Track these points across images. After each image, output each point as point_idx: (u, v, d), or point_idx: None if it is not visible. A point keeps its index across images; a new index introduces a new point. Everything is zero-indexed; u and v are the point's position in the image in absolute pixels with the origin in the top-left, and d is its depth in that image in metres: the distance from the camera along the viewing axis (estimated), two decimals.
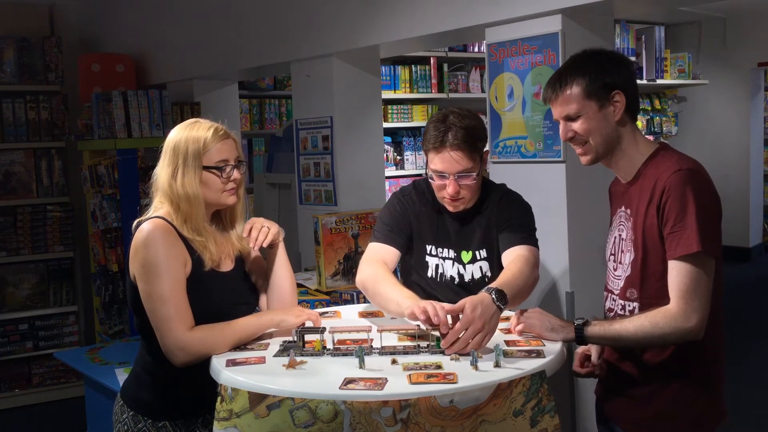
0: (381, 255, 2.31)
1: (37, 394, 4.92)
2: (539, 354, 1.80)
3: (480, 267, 2.37)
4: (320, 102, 3.98)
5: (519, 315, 1.99)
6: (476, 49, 6.51)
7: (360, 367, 1.73)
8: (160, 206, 2.02)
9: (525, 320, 1.97)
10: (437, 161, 2.24)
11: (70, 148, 4.98)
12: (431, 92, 6.34)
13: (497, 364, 1.70)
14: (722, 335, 1.93)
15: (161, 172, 2.03)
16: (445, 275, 2.38)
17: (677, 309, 1.78)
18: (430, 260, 2.39)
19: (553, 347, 1.86)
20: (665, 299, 1.82)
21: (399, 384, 1.62)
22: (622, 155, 1.95)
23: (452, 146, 2.20)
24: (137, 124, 4.33)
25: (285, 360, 1.80)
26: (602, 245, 2.12)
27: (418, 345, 1.88)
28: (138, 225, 1.99)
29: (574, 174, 2.93)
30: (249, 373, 1.74)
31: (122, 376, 2.76)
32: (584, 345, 2.04)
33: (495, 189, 2.42)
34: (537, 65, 2.96)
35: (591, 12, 2.91)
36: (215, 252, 2.03)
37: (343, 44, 3.76)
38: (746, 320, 5.95)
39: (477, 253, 2.37)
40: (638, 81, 7.26)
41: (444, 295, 2.33)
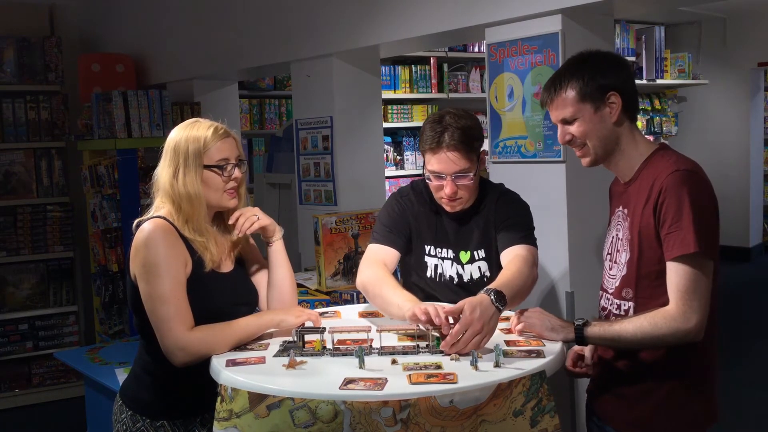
0: (381, 256, 2.31)
1: (37, 394, 4.91)
2: (539, 354, 1.81)
3: (479, 267, 2.37)
4: (320, 102, 3.98)
5: (519, 315, 1.99)
6: (476, 49, 6.51)
7: (360, 367, 1.73)
8: (161, 206, 2.02)
9: (525, 320, 1.97)
10: (434, 162, 2.24)
11: (70, 148, 4.98)
12: (431, 92, 6.34)
13: (497, 364, 1.70)
14: (717, 337, 1.92)
15: (162, 173, 2.03)
16: (444, 275, 2.38)
17: (676, 310, 1.78)
18: (429, 260, 2.39)
19: (553, 347, 1.86)
20: (660, 299, 1.82)
21: (399, 384, 1.63)
22: (621, 156, 1.95)
23: (449, 147, 2.20)
24: (137, 124, 4.33)
25: (285, 360, 1.80)
26: (602, 245, 2.12)
27: (418, 345, 1.88)
28: (138, 225, 1.98)
29: (574, 174, 2.93)
30: (249, 373, 1.74)
31: (122, 376, 2.75)
32: (584, 345, 2.03)
33: (493, 189, 2.42)
34: (537, 65, 2.96)
35: (591, 12, 2.91)
36: (216, 253, 2.03)
37: (343, 44, 3.76)
38: (746, 320, 5.95)
39: (475, 253, 2.37)
40: (638, 81, 7.24)
41: (443, 296, 2.33)
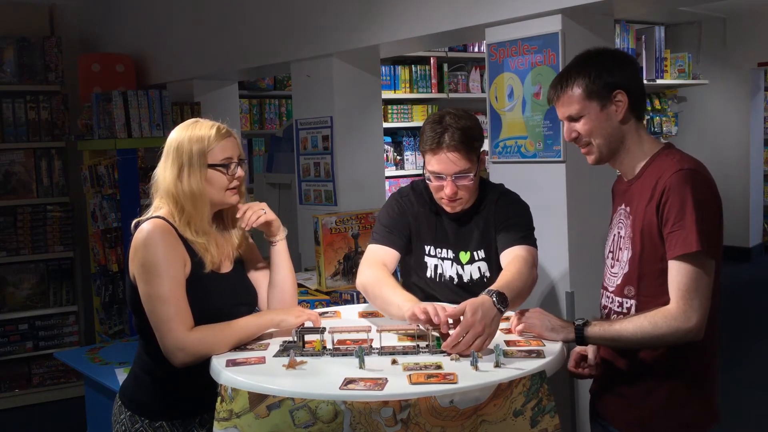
0: (380, 257, 2.31)
1: (37, 394, 4.91)
2: (539, 354, 1.80)
3: (478, 267, 2.37)
4: (320, 102, 3.98)
5: (519, 315, 1.99)
6: (476, 49, 6.51)
7: (360, 367, 1.73)
8: (161, 206, 2.02)
9: (525, 320, 1.97)
10: (434, 162, 2.23)
11: (70, 148, 4.98)
12: (431, 92, 6.34)
13: (497, 365, 1.70)
14: (717, 337, 1.92)
15: (164, 173, 2.01)
16: (444, 276, 2.38)
17: (677, 309, 1.77)
18: (429, 261, 2.39)
19: (553, 347, 1.86)
20: (662, 298, 1.82)
21: (399, 384, 1.62)
22: (626, 154, 1.95)
23: (449, 147, 2.20)
24: (137, 124, 4.33)
25: (285, 360, 1.79)
26: (602, 245, 2.11)
27: (418, 345, 1.87)
28: (137, 225, 1.98)
29: (574, 174, 2.93)
30: (249, 374, 1.74)
31: (122, 376, 2.75)
32: (584, 345, 2.03)
33: (492, 189, 2.42)
34: (537, 65, 2.96)
35: (591, 12, 2.91)
36: (216, 254, 2.02)
37: (343, 44, 3.76)
38: (746, 320, 5.95)
39: (475, 254, 2.36)
40: None
41: (443, 296, 2.33)
